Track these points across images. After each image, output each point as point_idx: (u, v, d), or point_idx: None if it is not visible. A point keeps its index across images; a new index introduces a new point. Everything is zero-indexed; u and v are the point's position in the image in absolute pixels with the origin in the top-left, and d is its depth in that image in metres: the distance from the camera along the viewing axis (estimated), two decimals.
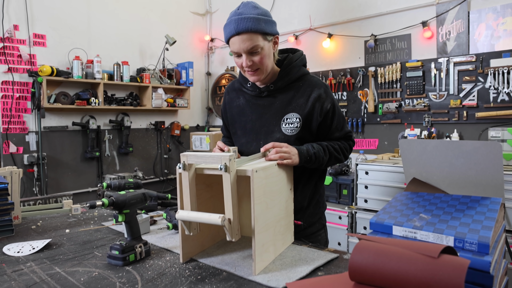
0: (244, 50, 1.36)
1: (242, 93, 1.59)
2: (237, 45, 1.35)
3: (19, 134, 3.62)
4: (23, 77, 3.61)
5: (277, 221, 1.22)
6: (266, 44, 1.38)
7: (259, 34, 1.34)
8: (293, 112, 1.46)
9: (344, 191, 3.25)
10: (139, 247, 1.23)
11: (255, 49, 1.36)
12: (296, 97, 1.47)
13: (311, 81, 1.50)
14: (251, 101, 1.55)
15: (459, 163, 1.00)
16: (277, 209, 1.22)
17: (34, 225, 1.68)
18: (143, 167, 4.64)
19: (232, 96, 1.63)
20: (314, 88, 1.47)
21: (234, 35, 1.35)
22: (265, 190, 1.12)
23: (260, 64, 1.39)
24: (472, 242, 0.77)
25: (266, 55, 1.39)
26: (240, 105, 1.59)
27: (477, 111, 3.07)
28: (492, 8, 3.01)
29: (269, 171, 1.16)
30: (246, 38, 1.33)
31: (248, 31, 1.32)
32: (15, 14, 3.54)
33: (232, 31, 1.35)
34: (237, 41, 1.35)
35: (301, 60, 1.54)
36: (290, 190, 1.32)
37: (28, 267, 1.18)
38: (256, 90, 1.53)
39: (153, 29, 4.68)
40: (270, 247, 1.18)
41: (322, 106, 1.46)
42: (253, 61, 1.38)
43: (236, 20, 1.33)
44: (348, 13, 3.88)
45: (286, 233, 1.31)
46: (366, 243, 0.70)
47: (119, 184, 1.72)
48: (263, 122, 1.51)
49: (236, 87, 1.63)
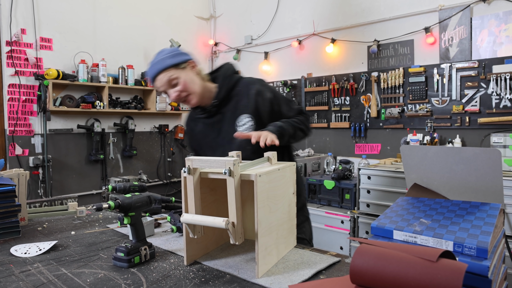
0: (165, 86, 1.53)
1: (198, 120, 1.72)
2: (160, 85, 1.54)
3: (25, 136, 3.66)
4: (29, 80, 3.66)
5: (280, 225, 1.24)
6: (182, 73, 1.53)
7: (169, 69, 1.51)
8: (242, 114, 1.59)
9: (346, 196, 3.27)
10: (144, 250, 1.25)
11: (173, 81, 1.52)
12: (239, 101, 1.61)
13: (246, 82, 1.64)
14: (207, 122, 1.68)
15: (459, 169, 1.02)
16: (280, 212, 1.24)
17: (40, 226, 1.71)
18: (147, 170, 4.68)
19: (192, 126, 1.77)
20: (250, 86, 1.61)
21: (154, 80, 1.54)
22: (268, 194, 1.14)
23: (184, 90, 1.53)
24: (471, 246, 0.79)
25: (188, 80, 1.53)
26: (201, 131, 1.72)
27: (480, 117, 3.08)
28: (494, 14, 3.03)
29: (272, 176, 1.18)
30: (160, 77, 1.51)
31: (159, 72, 1.51)
32: (22, 18, 3.60)
33: (151, 77, 1.55)
34: (158, 83, 1.53)
35: (229, 69, 1.68)
36: (292, 194, 1.34)
37: (35, 268, 1.20)
38: (205, 112, 1.65)
39: (158, 33, 4.73)
40: (273, 251, 1.19)
41: (263, 98, 1.59)
42: (178, 91, 1.53)
43: (149, 69, 1.54)
44: (351, 18, 3.90)
45: (289, 237, 1.33)
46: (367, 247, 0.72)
47: (124, 187, 1.75)
48: (223, 134, 1.63)
49: (192, 117, 1.77)
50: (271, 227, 1.17)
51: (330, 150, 4.08)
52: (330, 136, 4.12)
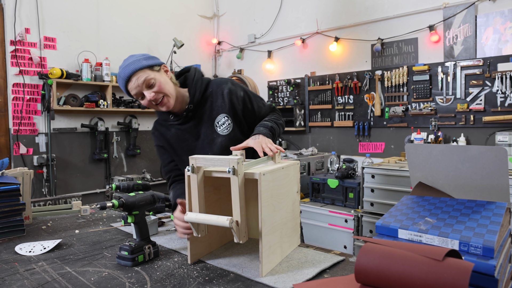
0: (141, 86, 1.46)
1: (170, 126, 1.66)
2: (135, 85, 1.46)
3: (29, 135, 3.68)
4: (33, 79, 3.67)
5: (284, 224, 1.24)
6: (157, 74, 1.49)
7: (145, 69, 1.47)
8: (219, 114, 1.59)
9: (350, 194, 3.26)
10: (147, 248, 1.25)
11: (150, 81, 1.46)
12: (214, 102, 1.60)
13: (217, 83, 1.63)
14: (181, 128, 1.63)
15: (464, 167, 1.01)
16: (284, 211, 1.23)
17: (44, 225, 1.72)
18: (150, 169, 4.68)
19: (163, 131, 1.69)
20: (222, 86, 1.61)
21: (128, 82, 1.47)
22: (272, 193, 1.14)
23: (160, 91, 1.48)
24: (477, 246, 0.78)
25: (163, 82, 1.49)
26: (174, 135, 1.66)
27: (484, 115, 3.06)
28: (499, 12, 3.00)
29: (276, 174, 1.17)
30: (137, 77, 1.45)
31: (134, 72, 1.45)
32: (26, 18, 3.61)
33: (124, 78, 1.47)
34: (131, 85, 1.46)
35: (198, 73, 1.66)
36: (296, 192, 1.34)
37: (39, 267, 1.21)
38: (181, 117, 1.60)
39: (161, 32, 4.73)
40: (277, 249, 1.19)
41: (237, 96, 1.60)
42: (154, 92, 1.47)
43: (122, 70, 1.47)
44: (355, 17, 3.89)
45: (293, 236, 1.32)
46: (372, 246, 0.71)
47: (128, 186, 1.75)
48: (202, 137, 1.61)
49: (162, 123, 1.70)
50: (275, 225, 1.17)
51: (333, 149, 4.07)
52: (334, 135, 4.11)
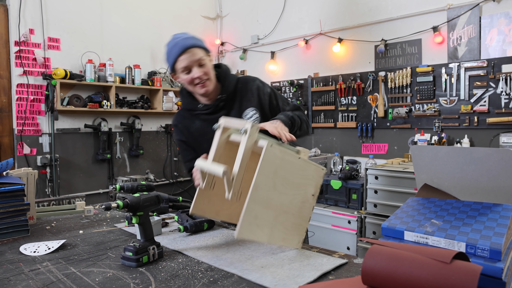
0: (194, 62, 1.53)
1: (195, 117, 1.70)
2: (187, 60, 1.52)
3: (33, 135, 3.69)
4: (37, 80, 3.69)
5: (284, 211, 1.22)
6: (207, 58, 1.59)
7: (202, 49, 1.56)
8: (247, 108, 1.65)
9: (353, 196, 3.25)
10: (152, 249, 1.25)
11: (202, 61, 1.55)
12: (242, 96, 1.67)
13: (246, 79, 1.72)
14: (208, 119, 1.66)
15: (470, 169, 1.00)
16: (288, 200, 1.22)
17: (48, 225, 1.72)
18: (153, 169, 4.69)
19: (187, 123, 1.73)
20: (251, 83, 1.69)
21: (182, 54, 1.52)
22: (277, 170, 1.13)
23: (208, 74, 1.57)
24: (484, 248, 0.78)
25: (210, 67, 1.59)
26: (198, 128, 1.70)
27: (488, 117, 3.05)
28: (504, 13, 2.99)
29: (289, 158, 1.17)
30: (194, 52, 1.53)
31: (193, 46, 1.53)
32: (31, 19, 3.62)
33: (179, 50, 1.52)
34: (186, 57, 1.52)
35: (228, 69, 1.74)
36: (312, 195, 1.31)
37: (44, 267, 1.21)
38: (210, 106, 1.66)
39: (165, 33, 4.73)
40: (265, 227, 1.16)
41: (264, 92, 1.67)
42: (203, 71, 1.55)
43: (181, 40, 1.53)
44: (358, 18, 3.88)
45: (292, 234, 1.30)
46: (379, 248, 0.71)
47: (132, 186, 1.75)
48: None
49: (186, 115, 1.74)
50: (271, 204, 1.15)
51: (336, 150, 4.06)
52: (337, 136, 4.11)
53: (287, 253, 1.32)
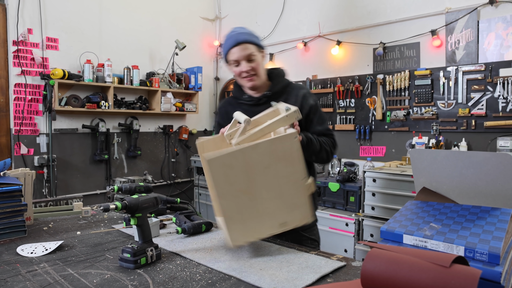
0: (244, 57, 1.62)
1: (240, 105, 1.77)
2: (237, 53, 1.62)
3: (30, 136, 3.68)
4: (35, 80, 3.68)
5: (264, 199, 1.25)
6: (259, 55, 1.66)
7: (254, 45, 1.63)
8: None
9: (351, 198, 3.25)
10: (150, 251, 1.25)
11: (251, 57, 1.63)
12: (287, 99, 1.69)
13: (296, 85, 1.79)
14: (249, 110, 1.71)
15: (469, 173, 1.01)
16: (262, 188, 1.24)
17: (45, 226, 1.71)
18: (151, 170, 4.68)
19: (229, 110, 1.80)
20: (300, 90, 1.75)
21: (234, 46, 1.61)
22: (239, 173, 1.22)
23: (256, 70, 1.65)
24: (483, 252, 0.78)
25: (260, 63, 1.67)
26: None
27: (486, 120, 3.07)
28: (502, 17, 3.01)
29: (240, 156, 1.21)
30: (245, 46, 1.61)
31: (246, 42, 1.61)
32: (29, 18, 3.61)
33: (232, 43, 1.62)
34: (237, 50, 1.61)
35: (284, 72, 1.81)
36: (301, 179, 1.27)
37: (41, 268, 1.20)
38: (254, 99, 1.74)
39: (163, 34, 4.74)
40: (251, 224, 1.24)
41: (307, 102, 1.70)
42: (251, 66, 1.63)
43: (236, 34, 1.63)
44: (357, 20, 3.90)
45: (290, 213, 1.27)
46: (378, 251, 0.71)
47: (130, 188, 1.74)
48: None
49: (232, 102, 1.84)
50: (242, 202, 1.23)
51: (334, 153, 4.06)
52: None
53: (286, 256, 1.32)
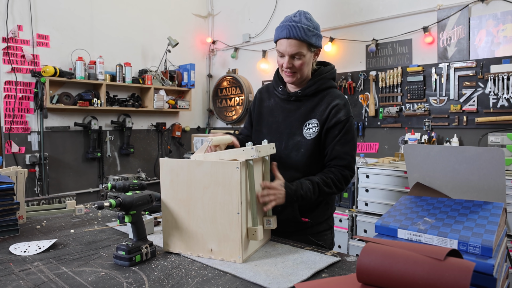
0: (289, 53, 1.49)
1: (273, 96, 1.71)
2: (284, 47, 1.49)
3: (21, 134, 3.63)
4: (26, 77, 3.63)
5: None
6: (308, 54, 1.52)
7: (305, 44, 1.48)
8: (314, 118, 1.57)
9: (344, 194, 3.27)
10: (145, 248, 1.25)
11: (298, 55, 1.49)
12: (319, 105, 1.58)
13: (335, 93, 1.61)
14: (280, 104, 1.67)
15: (462, 168, 1.02)
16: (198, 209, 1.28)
17: (38, 225, 1.70)
18: (144, 168, 4.66)
19: (264, 97, 1.75)
20: (335, 99, 1.57)
21: (284, 38, 1.48)
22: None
23: (298, 68, 1.52)
24: (476, 245, 0.79)
25: (306, 62, 1.53)
26: (270, 106, 1.70)
27: (477, 116, 3.10)
28: (492, 14, 3.04)
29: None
30: (294, 43, 1.47)
31: (297, 38, 1.46)
32: (19, 15, 3.56)
33: (283, 34, 1.49)
34: (285, 43, 1.48)
35: (331, 74, 1.65)
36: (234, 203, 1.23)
37: (35, 267, 1.19)
38: (286, 94, 1.64)
39: (156, 31, 4.71)
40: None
41: (337, 114, 1.53)
42: (294, 64, 1.51)
43: (290, 25, 1.48)
44: (349, 17, 3.91)
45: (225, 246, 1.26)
46: (373, 246, 0.72)
47: (124, 185, 1.74)
48: (287, 124, 1.61)
49: (270, 89, 1.75)
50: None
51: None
52: None
53: (281, 252, 1.32)
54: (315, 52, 1.56)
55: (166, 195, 1.32)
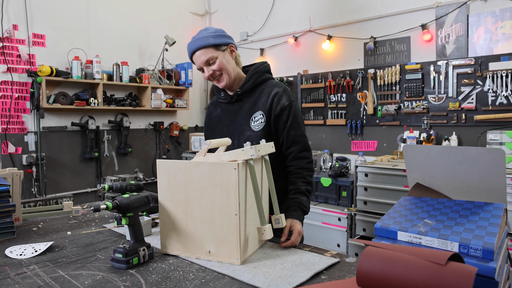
0: (202, 63, 1.59)
1: (219, 105, 1.80)
2: (197, 62, 1.60)
3: (18, 134, 3.61)
4: (22, 77, 3.60)
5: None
6: (220, 54, 1.59)
7: (210, 47, 1.57)
8: (258, 110, 1.65)
9: (343, 193, 3.26)
10: (142, 250, 1.23)
11: (210, 60, 1.58)
12: (260, 97, 1.66)
13: (273, 83, 1.69)
14: (225, 108, 1.75)
15: (462, 168, 1.01)
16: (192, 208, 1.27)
17: (35, 227, 1.68)
18: (142, 167, 4.64)
19: (211, 110, 1.84)
20: (274, 88, 1.66)
21: (192, 56, 1.61)
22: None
23: (219, 70, 1.60)
24: (477, 248, 0.78)
25: (224, 62, 1.60)
26: (218, 115, 1.79)
27: (476, 114, 3.09)
28: (491, 12, 3.03)
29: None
30: (200, 53, 1.58)
31: (199, 48, 1.57)
32: (14, 14, 3.53)
33: (190, 53, 1.61)
34: (195, 59, 1.60)
35: (264, 67, 1.73)
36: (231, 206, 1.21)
37: (31, 270, 1.18)
38: (228, 97, 1.72)
39: (153, 29, 4.68)
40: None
41: (279, 102, 1.62)
42: (213, 70, 1.60)
43: (190, 44, 1.60)
44: (347, 15, 3.89)
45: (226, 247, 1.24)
46: (373, 249, 0.71)
47: (121, 186, 1.72)
48: (236, 124, 1.70)
49: (215, 101, 1.84)
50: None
51: (326, 147, 4.07)
52: (326, 133, 4.12)
53: (279, 253, 1.31)
54: (228, 49, 1.63)
55: (163, 197, 1.31)
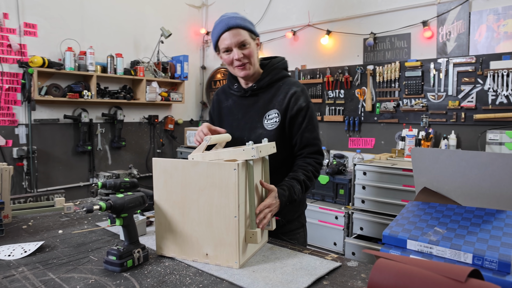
0: (236, 43, 1.49)
1: (230, 95, 1.72)
2: (229, 39, 1.48)
3: (8, 126, 3.52)
4: (13, 67, 3.50)
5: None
6: (252, 42, 1.53)
7: (247, 31, 1.50)
8: (273, 109, 1.59)
9: (340, 191, 3.23)
10: (137, 252, 1.19)
11: (244, 43, 1.50)
12: (276, 95, 1.60)
13: (290, 81, 1.63)
14: (237, 101, 1.68)
15: (472, 174, 0.97)
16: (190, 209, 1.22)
17: (25, 224, 1.62)
18: (136, 162, 4.57)
19: (221, 98, 1.75)
20: (292, 86, 1.59)
21: (225, 31, 1.48)
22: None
23: (249, 57, 1.52)
24: (492, 260, 0.74)
25: (253, 51, 1.53)
26: (229, 106, 1.71)
27: (476, 113, 3.06)
28: (493, 9, 2.99)
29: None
30: (237, 32, 1.48)
31: (238, 27, 1.48)
32: (4, 2, 3.42)
33: (223, 27, 1.48)
34: (229, 36, 1.48)
35: (282, 64, 1.67)
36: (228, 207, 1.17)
37: (20, 273, 1.13)
38: (242, 90, 1.65)
39: (148, 21, 4.58)
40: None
41: (297, 102, 1.56)
42: (243, 54, 1.50)
43: (227, 19, 1.49)
44: (347, 10, 3.83)
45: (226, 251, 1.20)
46: (386, 262, 0.66)
47: (115, 184, 1.66)
48: (247, 119, 1.63)
49: (226, 90, 1.76)
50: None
51: (323, 144, 4.03)
52: (324, 130, 4.07)
53: (279, 256, 1.27)
54: (256, 41, 1.57)
55: (159, 197, 1.25)
